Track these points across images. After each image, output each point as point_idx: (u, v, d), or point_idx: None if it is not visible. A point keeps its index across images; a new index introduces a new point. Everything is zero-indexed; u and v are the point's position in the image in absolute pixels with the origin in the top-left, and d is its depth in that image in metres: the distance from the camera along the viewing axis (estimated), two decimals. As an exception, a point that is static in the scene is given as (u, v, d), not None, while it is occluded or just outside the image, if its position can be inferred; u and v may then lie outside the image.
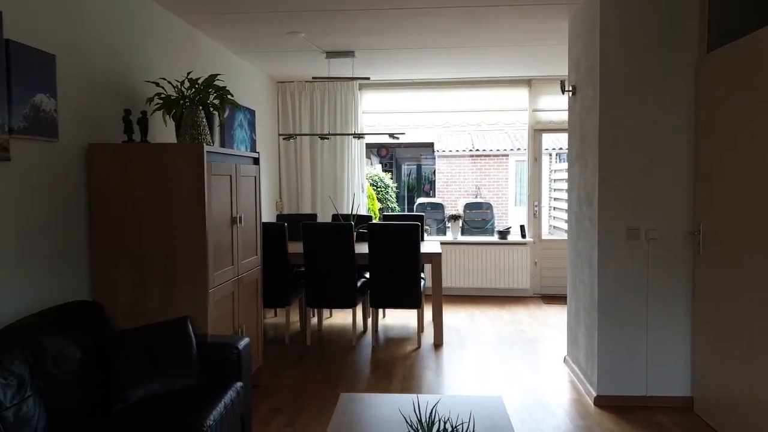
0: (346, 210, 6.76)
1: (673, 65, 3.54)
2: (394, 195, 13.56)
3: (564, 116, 6.73)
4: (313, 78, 5.24)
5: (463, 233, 7.33)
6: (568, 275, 4.44)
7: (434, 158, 16.78)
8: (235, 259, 3.51)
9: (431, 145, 16.49)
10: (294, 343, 5.08)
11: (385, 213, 6.11)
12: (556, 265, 6.94)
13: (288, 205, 6.96)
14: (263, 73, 6.34)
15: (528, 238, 6.92)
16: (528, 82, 6.77)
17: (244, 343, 2.94)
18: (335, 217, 5.99)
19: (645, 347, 3.63)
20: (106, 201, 3.02)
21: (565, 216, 14.55)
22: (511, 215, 15.14)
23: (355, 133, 5.48)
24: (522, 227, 6.98)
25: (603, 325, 3.65)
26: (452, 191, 14.84)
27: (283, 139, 5.61)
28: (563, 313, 6.07)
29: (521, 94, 6.80)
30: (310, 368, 4.40)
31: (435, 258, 4.99)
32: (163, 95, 3.51)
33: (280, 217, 6.21)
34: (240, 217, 3.57)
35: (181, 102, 3.53)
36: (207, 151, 3.06)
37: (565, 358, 4.51)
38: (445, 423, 1.78)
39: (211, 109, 3.68)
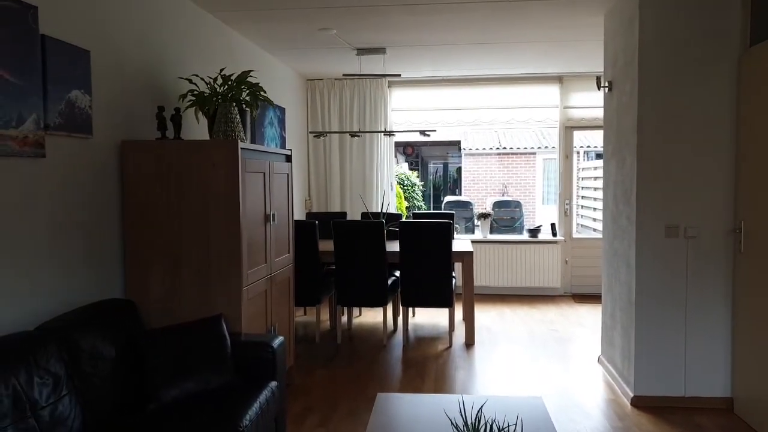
0: (375, 208, 6.74)
1: (714, 59, 3.44)
2: (420, 193, 13.51)
3: (596, 113, 6.63)
4: (344, 75, 5.23)
5: (492, 232, 7.25)
6: (603, 274, 4.35)
7: (460, 156, 16.68)
8: (269, 256, 3.51)
9: (458, 143, 16.38)
10: (324, 341, 5.08)
11: (414, 211, 6.06)
12: (588, 263, 6.83)
13: (317, 203, 6.97)
14: (293, 70, 6.35)
15: (559, 237, 6.81)
16: (559, 79, 6.66)
17: (278, 341, 2.93)
18: (365, 215, 5.98)
19: (683, 347, 3.53)
20: (140, 198, 3.05)
21: (593, 214, 14.29)
22: (539, 214, 14.96)
23: (385, 131, 5.46)
24: (553, 225, 6.88)
25: (640, 325, 3.56)
26: (479, 189, 14.72)
27: (314, 136, 5.61)
28: (595, 312, 5.97)
29: (552, 91, 6.69)
30: (341, 367, 4.39)
31: (466, 256, 4.94)
32: (195, 92, 3.53)
33: (309, 215, 6.22)
34: (273, 215, 3.57)
35: (214, 99, 3.54)
36: (241, 148, 3.06)
37: (599, 357, 4.42)
38: (491, 425, 1.74)
39: (244, 106, 3.69)
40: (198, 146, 3.06)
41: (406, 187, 12.98)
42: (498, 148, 14.69)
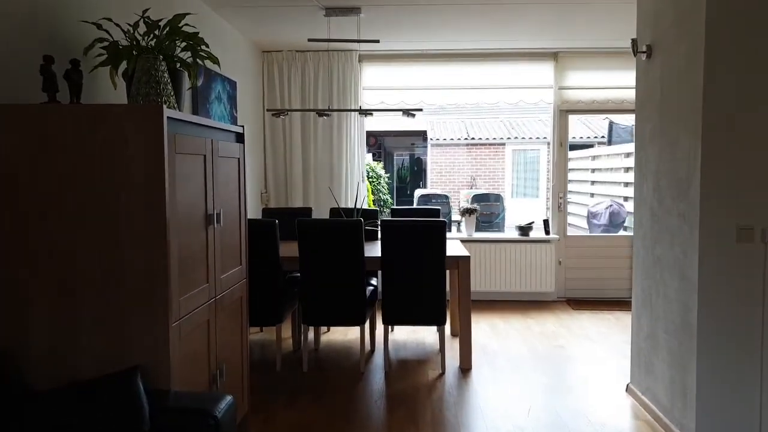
0: (346, 203, 5.79)
1: (803, 9, 2.64)
2: (386, 187, 12.61)
3: (594, 95, 5.87)
4: (309, 40, 4.24)
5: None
6: (636, 285, 3.54)
7: (426, 147, 15.86)
8: (212, 273, 2.53)
9: (423, 133, 15.55)
10: (287, 368, 4.11)
11: (392, 207, 5.15)
12: (583, 265, 6.07)
13: (275, 198, 5.96)
14: (247, 39, 5.31)
15: (552, 235, 6.02)
16: (554, 56, 5.85)
17: (225, 405, 1.97)
18: (335, 212, 5.02)
19: (759, 383, 2.74)
20: (9, 195, 2.02)
21: (580, 210, 13.63)
22: (509, 208, 14.30)
23: (361, 109, 4.52)
24: (545, 222, 6.08)
25: (706, 358, 2.75)
26: (446, 182, 13.93)
27: (272, 115, 4.61)
28: (598, 322, 5.21)
29: (546, 69, 5.87)
30: (310, 407, 3.44)
31: (462, 262, 4.05)
32: (108, 41, 2.51)
33: (266, 212, 5.22)
34: (218, 215, 2.59)
35: (135, 53, 2.52)
36: (169, 117, 2.07)
37: (628, 386, 3.61)
38: None
39: (178, 66, 2.68)
40: (101, 114, 2.05)
41: (371, 180, 12.06)
42: (466, 139, 13.91)
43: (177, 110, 2.40)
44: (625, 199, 9.40)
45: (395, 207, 5.13)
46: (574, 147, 13.87)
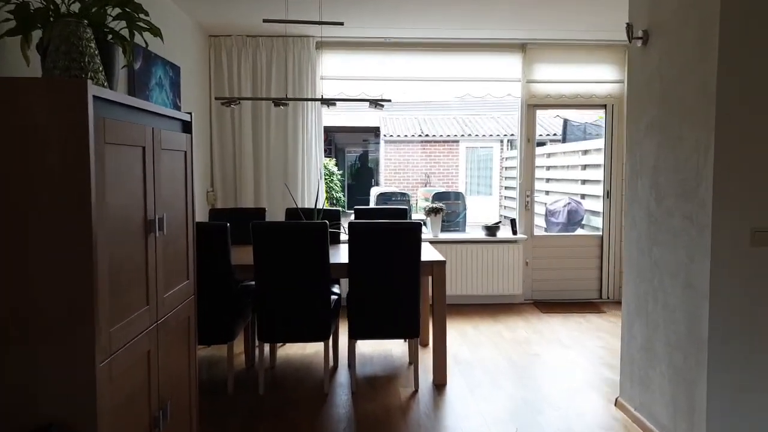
0: (304, 203, 5.34)
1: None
2: (339, 184, 12.17)
3: (563, 89, 5.63)
4: (264, 21, 3.78)
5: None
6: (628, 290, 3.27)
7: (378, 143, 15.52)
8: (153, 292, 2.05)
9: (376, 129, 15.19)
10: (241, 390, 3.64)
11: (357, 207, 4.74)
12: (550, 265, 5.85)
13: (223, 197, 5.44)
14: (192, 20, 4.77)
15: (520, 235, 5.76)
16: (522, 47, 5.57)
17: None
18: (292, 213, 4.57)
19: (772, 402, 2.51)
20: None
21: (537, 209, 13.46)
22: (469, 206, 14.09)
23: (323, 99, 4.08)
24: (513, 222, 5.82)
25: (717, 371, 2.49)
26: (400, 180, 13.61)
27: (222, 104, 4.11)
28: (568, 325, 4.97)
29: (514, 62, 5.60)
30: (270, 437, 3.00)
31: (437, 267, 3.69)
32: (15, 3, 2.00)
33: (213, 213, 4.70)
34: (161, 220, 2.11)
35: (52, 18, 2.02)
36: (96, 97, 1.60)
37: (617, 400, 3.35)
38: None
39: (110, 38, 2.19)
40: (3, 89, 1.56)
41: (324, 178, 11.60)
42: (420, 135, 13.63)
43: (108, 89, 1.92)
44: (582, 196, 9.34)
45: (359, 207, 4.71)
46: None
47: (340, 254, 3.97)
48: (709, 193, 2.47)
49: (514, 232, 5.76)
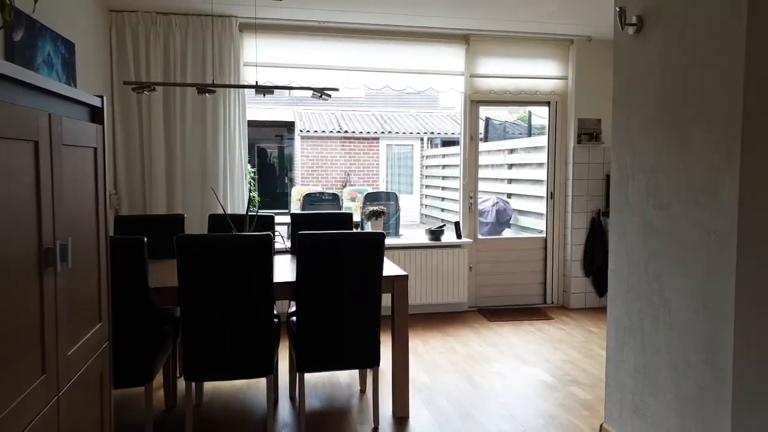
0: (229, 207, 4.66)
1: None
2: (254, 183, 11.37)
3: (508, 85, 5.31)
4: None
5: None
6: (616, 306, 2.94)
7: (293, 139, 14.79)
8: (52, 354, 1.40)
9: (290, 124, 14.46)
10: (163, 441, 2.97)
11: (294, 213, 4.13)
12: (494, 270, 5.56)
13: (129, 202, 4.63)
14: (87, -11, 3.96)
15: (464, 239, 5.41)
16: (465, 39, 5.21)
17: None
18: (218, 220, 3.89)
19: (794, 433, 2.25)
20: None
21: (440, 204, 13.36)
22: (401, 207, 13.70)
23: (257, 85, 3.42)
24: (457, 225, 5.45)
25: (744, 407, 2.19)
26: (318, 178, 12.99)
27: (133, 90, 3.35)
28: (522, 336, 4.67)
29: (456, 54, 5.22)
30: None
31: (398, 283, 3.20)
32: None
33: (120, 221, 3.92)
34: (64, 247, 1.46)
35: None
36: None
37: (602, 427, 3.03)
38: None
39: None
40: None
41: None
42: (339, 132, 13.08)
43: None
44: (509, 196, 9.24)
45: (297, 213, 4.12)
46: (447, 143, 13.70)
47: (281, 270, 3.38)
48: (733, 201, 2.16)
49: (459, 236, 5.39)
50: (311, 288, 2.92)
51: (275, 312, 3.61)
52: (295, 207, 8.93)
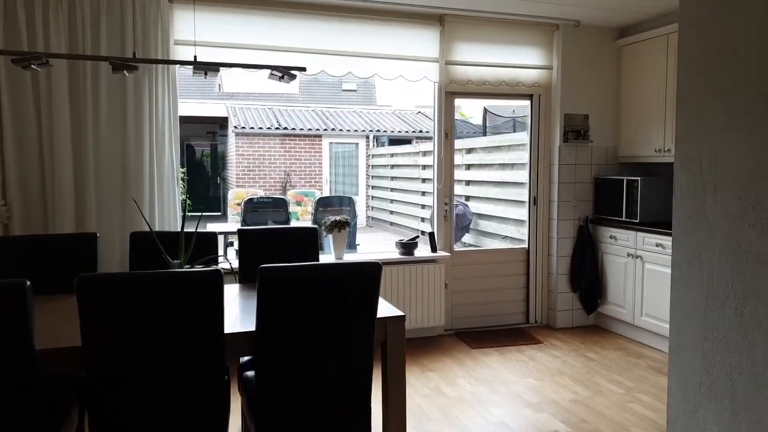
0: (157, 222, 3.71)
1: None
2: (184, 186, 10.21)
3: (488, 74, 4.57)
4: None
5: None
6: (679, 352, 2.26)
7: (226, 136, 13.66)
8: None
9: (223, 120, 13.33)
10: None
11: (241, 228, 3.21)
12: (470, 286, 4.87)
13: (23, 216, 3.58)
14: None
15: (441, 252, 4.67)
16: (440, 19, 4.46)
17: None
18: (141, 239, 2.95)
19: None
20: None
21: (389, 206, 12.51)
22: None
23: (196, 62, 2.50)
24: (431, 236, 4.70)
25: None
26: (255, 178, 11.94)
27: (14, 62, 2.36)
28: (515, 369, 3.93)
29: (430, 37, 4.47)
30: None
31: (393, 327, 2.40)
32: None
33: (5, 244, 2.89)
34: None
35: None
36: None
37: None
38: None
39: None
40: None
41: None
42: (278, 128, 12.09)
43: None
44: (467, 198, 8.62)
45: (244, 228, 3.22)
46: (396, 142, 13.00)
47: (231, 312, 2.51)
48: None
49: (434, 249, 4.65)
50: (279, 343, 2.08)
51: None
52: (234, 213, 7.90)
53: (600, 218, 4.83)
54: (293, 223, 6.43)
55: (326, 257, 4.37)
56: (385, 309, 2.49)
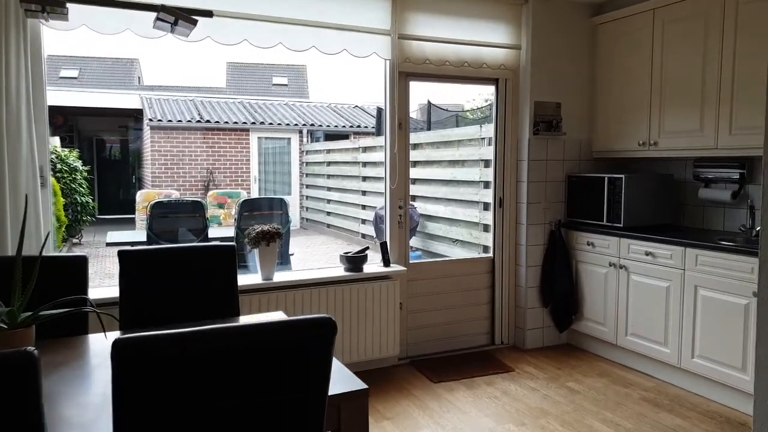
0: (7, 239, 2.70)
1: None
2: (86, 186, 8.93)
3: (448, 53, 3.77)
4: None
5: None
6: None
7: (141, 130, 12.33)
8: None
9: (137, 113, 11.99)
10: None
11: (127, 250, 2.27)
12: (427, 305, 4.11)
13: None
14: None
15: (395, 266, 3.87)
16: (391, -18, 3.66)
17: None
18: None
19: None
20: None
21: (326, 207, 11.61)
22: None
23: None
24: (383, 246, 3.89)
25: None
26: (174, 177, 10.72)
27: None
28: (488, 410, 3.14)
29: (379, 5, 3.66)
30: None
31: (349, 406, 1.57)
32: None
33: None
34: None
35: None
36: None
37: None
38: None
39: None
40: None
41: (62, 175, 8.35)
42: (199, 122, 10.92)
43: None
44: (414, 198, 7.89)
45: (127, 251, 2.26)
46: (332, 137, 12.10)
47: (89, 398, 1.59)
48: None
49: (387, 263, 3.84)
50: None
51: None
52: (142, 219, 6.82)
53: (574, 222, 4.19)
54: (213, 231, 5.43)
55: (251, 277, 3.47)
56: (339, 376, 1.65)
